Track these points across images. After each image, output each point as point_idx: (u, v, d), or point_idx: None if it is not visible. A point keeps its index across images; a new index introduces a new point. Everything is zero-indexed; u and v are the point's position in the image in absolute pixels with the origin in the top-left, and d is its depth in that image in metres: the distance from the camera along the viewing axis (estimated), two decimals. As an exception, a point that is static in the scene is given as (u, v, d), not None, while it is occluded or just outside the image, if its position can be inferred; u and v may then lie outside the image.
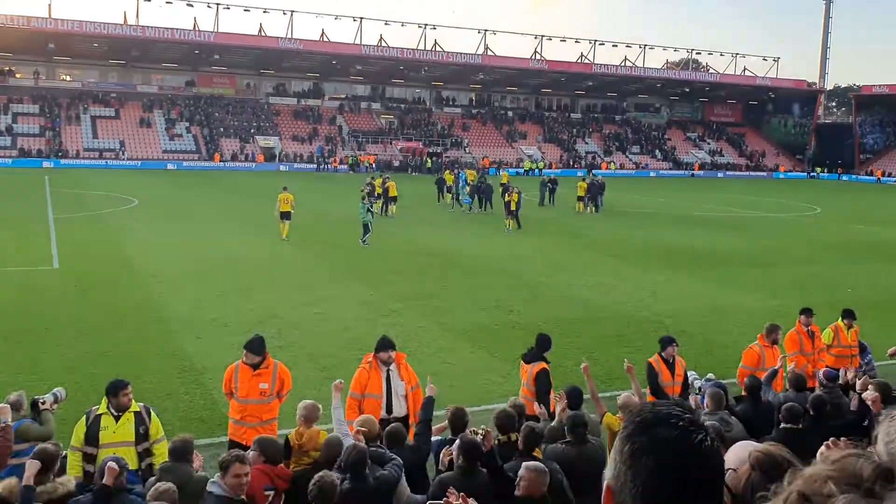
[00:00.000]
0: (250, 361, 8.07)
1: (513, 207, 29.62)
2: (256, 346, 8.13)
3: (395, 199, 34.04)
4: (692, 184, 66.76)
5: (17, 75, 69.73)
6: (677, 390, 9.26)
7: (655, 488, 1.41)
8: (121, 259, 20.80)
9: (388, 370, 8.22)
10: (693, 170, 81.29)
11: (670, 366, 9.29)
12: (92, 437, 6.88)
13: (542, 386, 8.64)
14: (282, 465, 6.60)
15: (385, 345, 8.31)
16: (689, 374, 9.67)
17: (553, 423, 7.26)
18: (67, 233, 24.97)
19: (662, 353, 9.35)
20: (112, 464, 5.58)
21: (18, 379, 10.83)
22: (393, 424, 7.07)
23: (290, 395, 8.44)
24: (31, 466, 5.50)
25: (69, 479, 5.91)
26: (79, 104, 68.20)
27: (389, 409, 8.04)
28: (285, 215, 25.35)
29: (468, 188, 36.92)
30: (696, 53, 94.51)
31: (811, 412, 7.15)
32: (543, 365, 8.87)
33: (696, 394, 8.92)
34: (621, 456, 1.46)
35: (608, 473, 1.51)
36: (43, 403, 7.45)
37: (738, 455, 2.42)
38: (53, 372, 11.39)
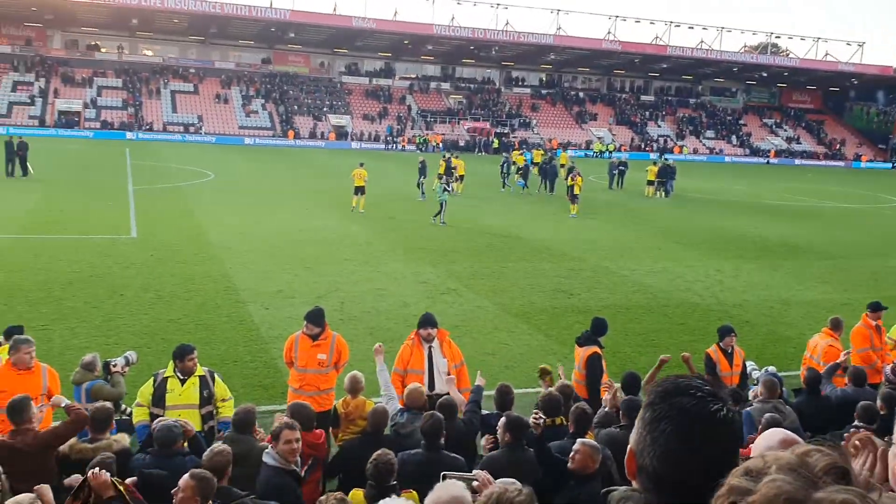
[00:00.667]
0: (310, 332, 8.29)
1: (577, 191, 28.87)
2: (316, 317, 8.35)
3: (462, 177, 34.41)
4: (767, 171, 64.98)
5: (102, 49, 72.18)
6: (735, 380, 9.19)
7: (672, 452, 1.52)
8: (195, 230, 21.52)
9: (429, 347, 8.31)
10: (768, 156, 79.08)
11: (728, 356, 9.22)
12: (158, 399, 7.20)
13: (592, 371, 8.66)
14: (317, 430, 6.72)
15: (426, 321, 8.41)
16: (747, 364, 9.57)
17: (606, 409, 7.32)
18: (146, 203, 25.93)
19: (721, 343, 9.29)
20: (189, 425, 5.99)
21: (96, 342, 11.44)
22: (445, 396, 7.24)
23: (348, 367, 8.67)
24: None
25: (123, 436, 6.28)
26: (159, 79, 70.33)
27: (432, 386, 8.09)
28: (359, 189, 27.04)
29: (515, 169, 37.34)
30: (776, 37, 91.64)
31: (883, 409, 7.01)
32: (595, 349, 8.86)
33: (755, 385, 8.85)
34: (642, 422, 1.58)
35: (632, 438, 1.62)
36: (114, 366, 7.87)
37: (767, 441, 2.46)
38: (127, 336, 11.95)
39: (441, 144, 65.51)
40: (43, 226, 21.12)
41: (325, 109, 72.31)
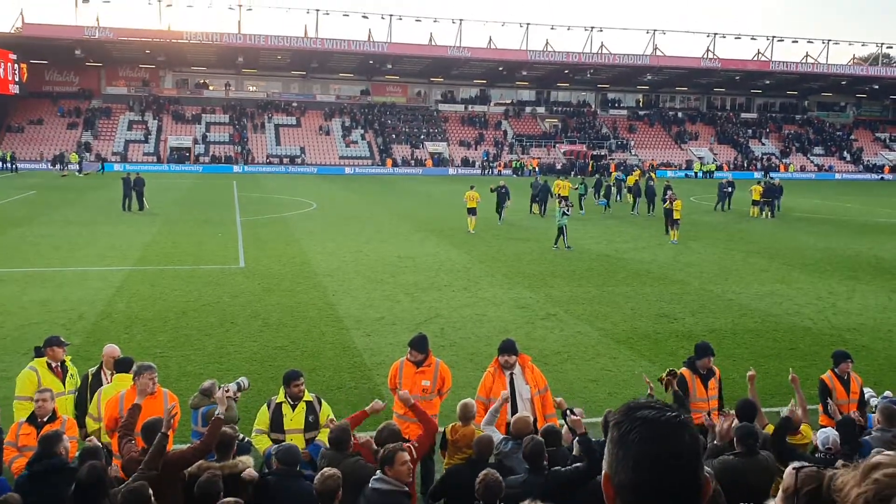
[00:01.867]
0: (414, 359, 8.39)
1: (677, 216, 27.21)
2: (420, 344, 8.46)
3: (566, 198, 34.43)
4: (881, 188, 61.87)
5: (210, 87, 75.88)
6: (853, 408, 8.76)
7: (645, 457, 1.68)
8: (300, 259, 22.21)
9: (511, 374, 8.20)
10: (883, 172, 75.30)
11: (845, 383, 8.81)
12: (276, 424, 7.57)
13: (678, 390, 8.43)
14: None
15: (505, 348, 8.31)
16: (865, 391, 9.13)
17: (716, 442, 7.08)
18: (252, 234, 26.97)
19: (836, 369, 8.90)
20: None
21: (208, 369, 11.95)
22: (549, 424, 7.20)
23: (450, 393, 8.78)
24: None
25: (249, 460, 6.55)
26: (263, 114, 73.28)
27: (514, 413, 7.91)
28: (472, 211, 28.83)
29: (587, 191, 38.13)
30: (888, 47, 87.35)
31: None
32: (683, 370, 8.70)
33: (873, 412, 8.43)
34: (612, 442, 1.75)
35: (605, 464, 1.77)
36: (227, 392, 8.23)
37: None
38: (238, 363, 12.42)
39: (538, 168, 65.51)
40: (159, 258, 22.24)
41: (422, 137, 73.59)
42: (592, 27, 75.28)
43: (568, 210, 25.95)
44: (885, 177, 74.31)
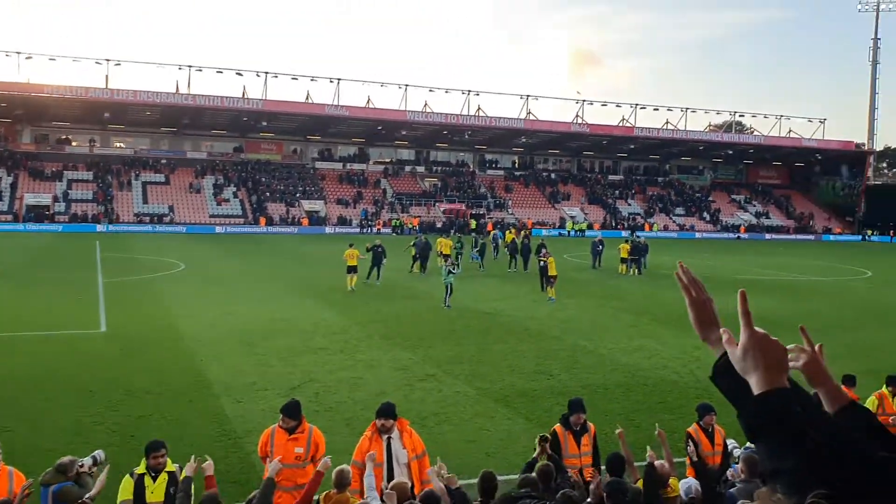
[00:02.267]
0: (286, 426, 8.15)
1: (552, 272, 27.48)
2: (292, 410, 8.21)
3: (447, 256, 34.93)
4: (738, 246, 65.95)
5: (73, 143, 72.59)
6: (717, 460, 9.02)
7: None
8: (166, 323, 21.18)
9: (388, 438, 8.05)
10: (739, 232, 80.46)
11: (709, 435, 9.07)
12: (138, 498, 7.22)
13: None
14: None
15: (382, 412, 8.17)
16: (728, 442, 9.42)
17: (589, 500, 7.07)
18: (115, 296, 25.57)
19: (700, 422, 9.15)
20: None
21: (63, 441, 11.02)
22: (427, 490, 7.00)
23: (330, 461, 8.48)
24: None
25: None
26: (130, 170, 70.61)
27: (390, 478, 7.80)
28: (352, 269, 28.80)
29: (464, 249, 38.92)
30: (740, 115, 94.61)
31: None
32: (556, 427, 8.82)
33: (736, 464, 8.68)
34: None
35: None
36: (81, 466, 7.60)
37: None
38: (97, 434, 11.56)
39: (417, 227, 66.05)
40: (7, 323, 20.65)
41: (297, 195, 72.81)
42: (469, 90, 77.54)
43: (453, 268, 26.20)
44: (742, 236, 79.32)
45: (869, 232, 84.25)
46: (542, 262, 29.02)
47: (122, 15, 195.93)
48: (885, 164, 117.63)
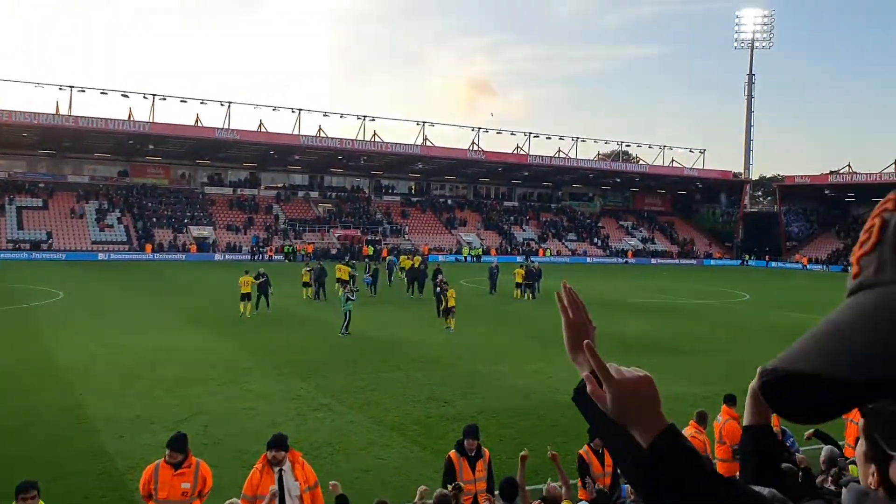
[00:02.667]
0: (172, 460, 7.86)
1: (451, 304, 26.69)
2: (179, 444, 7.95)
3: (346, 282, 34.50)
4: (626, 270, 68.21)
5: (-58, 165, 68.09)
6: (608, 481, 9.18)
7: None
8: (41, 355, 19.99)
9: (280, 470, 7.88)
10: (627, 257, 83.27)
11: (600, 456, 9.23)
12: None
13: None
14: None
15: (272, 444, 8.00)
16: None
17: None
18: (-14, 328, 23.97)
19: (591, 444, 9.30)
20: None
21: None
22: None
23: (216, 495, 8.24)
24: None
25: None
26: (4, 195, 66.64)
27: None
28: (245, 296, 28.79)
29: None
30: (626, 145, 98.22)
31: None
32: (451, 453, 8.86)
33: (626, 484, 8.86)
34: None
35: None
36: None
37: None
38: (-41, 479, 10.70)
39: (312, 253, 65.15)
40: None
41: (185, 221, 70.57)
42: (365, 116, 77.43)
43: (352, 294, 25.83)
44: (630, 260, 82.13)
45: (747, 257, 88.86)
46: (437, 290, 29.02)
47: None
48: (760, 193, 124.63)
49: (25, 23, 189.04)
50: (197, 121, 70.20)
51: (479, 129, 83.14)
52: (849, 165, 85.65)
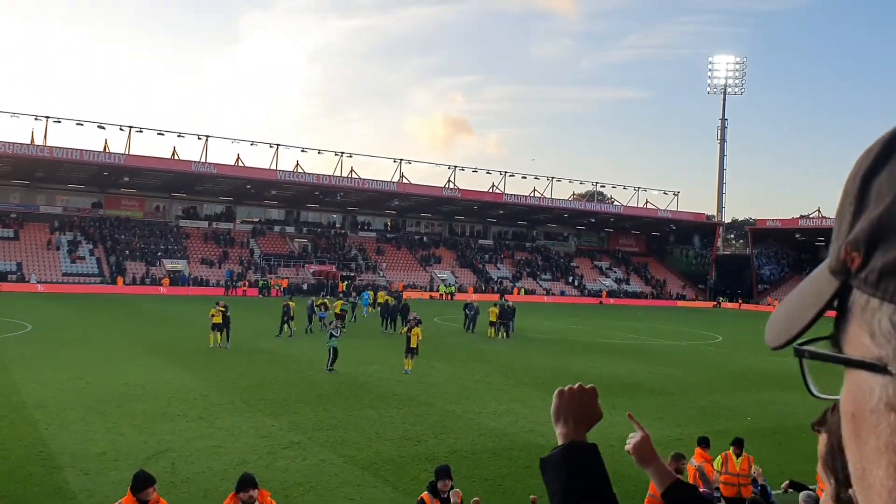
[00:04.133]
0: (143, 499, 7.68)
1: (414, 344, 25.33)
2: (143, 482, 7.76)
3: (341, 317, 35.48)
4: (600, 310, 68.43)
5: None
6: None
7: None
8: (6, 388, 19.54)
9: None
10: (601, 296, 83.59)
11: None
12: None
13: None
14: None
15: (242, 484, 7.92)
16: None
17: None
18: (-51, 359, 23.45)
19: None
20: None
21: None
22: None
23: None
24: None
25: None
26: (-25, 224, 65.72)
27: None
28: (216, 326, 29.39)
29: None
30: (601, 186, 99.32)
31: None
32: (424, 494, 8.83)
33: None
34: None
35: None
36: None
37: None
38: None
39: (286, 288, 64.71)
40: None
41: (159, 254, 69.89)
42: (342, 152, 77.71)
43: (336, 331, 25.38)
44: (604, 301, 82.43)
45: (721, 299, 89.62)
46: (407, 332, 26.33)
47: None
48: (732, 235, 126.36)
49: (1, 53, 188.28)
50: (174, 153, 69.95)
51: (456, 167, 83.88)
52: (818, 210, 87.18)
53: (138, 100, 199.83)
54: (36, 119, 64.97)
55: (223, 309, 29.70)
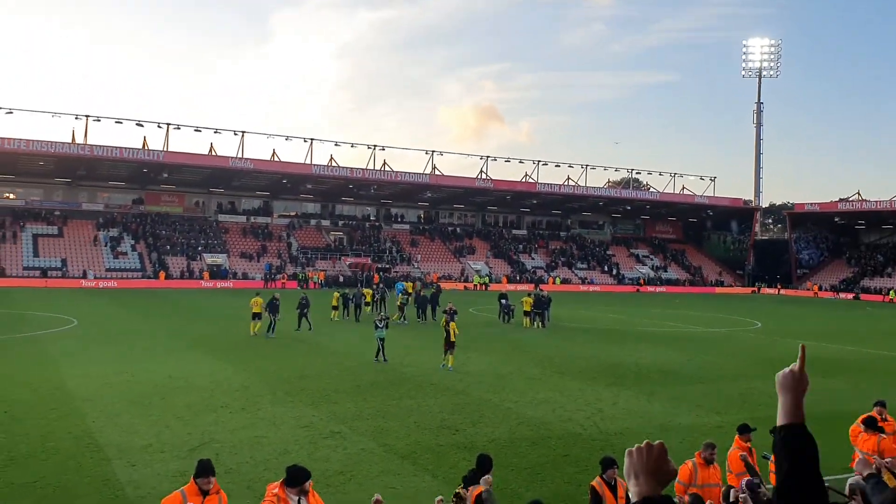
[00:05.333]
0: (205, 487, 7.81)
1: (453, 338, 24.16)
2: (207, 469, 7.87)
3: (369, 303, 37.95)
4: (637, 298, 67.97)
5: (-42, 193, 68.80)
6: (622, 513, 9.13)
7: None
8: (54, 383, 20.09)
9: (298, 500, 7.90)
10: (638, 284, 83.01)
11: (612, 488, 9.19)
12: None
13: None
14: None
15: (295, 479, 7.96)
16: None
17: None
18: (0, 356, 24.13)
19: (604, 476, 9.28)
20: None
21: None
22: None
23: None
24: None
25: None
26: (18, 222, 67.28)
27: None
28: (257, 316, 31.38)
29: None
30: (637, 173, 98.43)
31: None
32: (480, 489, 8.72)
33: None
34: None
35: None
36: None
37: None
38: (-27, 506, 10.78)
39: (323, 281, 65.32)
40: None
41: (199, 248, 70.98)
42: (375, 146, 78.13)
43: (380, 322, 25.65)
44: (641, 289, 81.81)
45: (760, 284, 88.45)
46: (444, 325, 25.58)
47: (17, 62, 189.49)
48: (770, 220, 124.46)
49: (42, 53, 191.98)
50: (211, 150, 70.92)
51: (488, 157, 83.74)
52: (858, 193, 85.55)
53: (174, 97, 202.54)
54: (76, 118, 66.42)
55: (276, 299, 31.44)
